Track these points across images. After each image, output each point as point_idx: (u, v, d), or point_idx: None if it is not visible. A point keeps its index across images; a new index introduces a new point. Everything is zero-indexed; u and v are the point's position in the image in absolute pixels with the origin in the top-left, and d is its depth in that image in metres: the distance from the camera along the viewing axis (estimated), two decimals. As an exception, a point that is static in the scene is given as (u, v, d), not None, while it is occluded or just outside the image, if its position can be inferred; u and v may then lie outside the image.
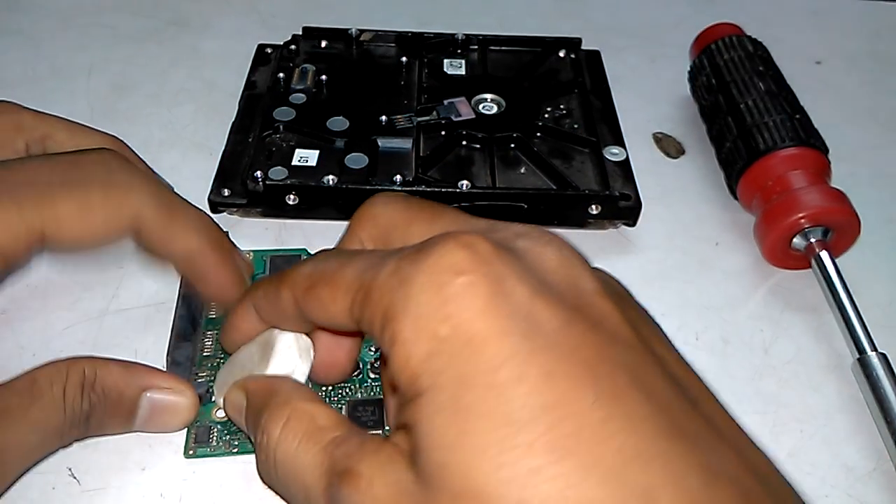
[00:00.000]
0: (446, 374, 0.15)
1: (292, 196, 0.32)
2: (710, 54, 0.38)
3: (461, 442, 0.14)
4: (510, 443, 0.14)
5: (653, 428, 0.14)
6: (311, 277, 0.19)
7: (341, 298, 0.18)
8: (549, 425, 0.14)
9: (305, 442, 0.18)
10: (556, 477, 0.13)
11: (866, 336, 0.28)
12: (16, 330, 0.28)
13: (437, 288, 0.15)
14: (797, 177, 0.32)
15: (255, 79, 0.38)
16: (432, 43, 0.40)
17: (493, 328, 0.15)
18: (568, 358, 0.15)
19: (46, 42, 0.43)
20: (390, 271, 0.16)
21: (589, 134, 0.36)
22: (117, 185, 0.23)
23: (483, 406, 0.14)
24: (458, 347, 0.15)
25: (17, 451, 0.21)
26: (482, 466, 0.14)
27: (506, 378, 0.14)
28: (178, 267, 0.26)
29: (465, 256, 0.16)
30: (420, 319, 0.15)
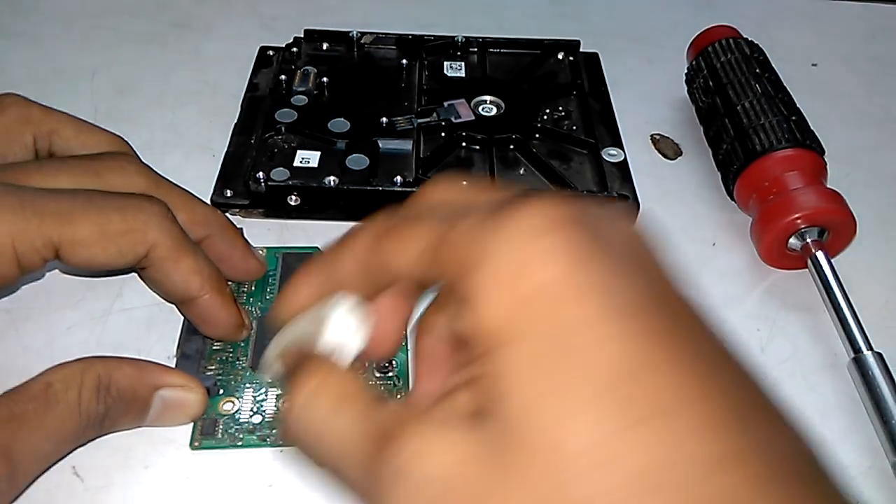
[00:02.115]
0: (534, 327, 0.15)
1: (294, 197, 0.32)
2: (707, 56, 0.38)
3: (548, 395, 0.14)
4: (597, 401, 0.14)
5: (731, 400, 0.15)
6: (384, 227, 0.19)
7: (414, 246, 0.17)
8: (634, 388, 0.14)
9: (340, 405, 0.17)
10: (637, 439, 0.14)
11: (862, 335, 0.28)
12: (20, 329, 0.28)
13: (528, 242, 0.15)
14: (793, 178, 0.32)
15: (257, 81, 0.38)
16: (432, 45, 0.41)
17: (583, 287, 0.15)
18: (649, 325, 0.15)
19: (50, 44, 0.43)
20: (472, 223, 0.16)
21: (587, 135, 0.36)
22: (138, 217, 0.24)
23: (570, 363, 0.14)
24: (548, 302, 0.15)
25: (32, 458, 0.21)
26: (568, 422, 0.14)
27: (593, 338, 0.14)
28: (181, 309, 0.27)
29: (554, 215, 0.16)
30: (507, 270, 0.15)
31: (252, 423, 0.25)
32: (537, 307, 0.15)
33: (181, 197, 0.27)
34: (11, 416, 0.20)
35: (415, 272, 0.18)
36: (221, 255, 0.28)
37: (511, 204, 0.16)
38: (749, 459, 0.14)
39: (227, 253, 0.28)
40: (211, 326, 0.26)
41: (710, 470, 0.13)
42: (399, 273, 0.18)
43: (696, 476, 0.13)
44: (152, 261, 0.24)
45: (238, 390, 0.26)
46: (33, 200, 0.23)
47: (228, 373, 0.26)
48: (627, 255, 0.16)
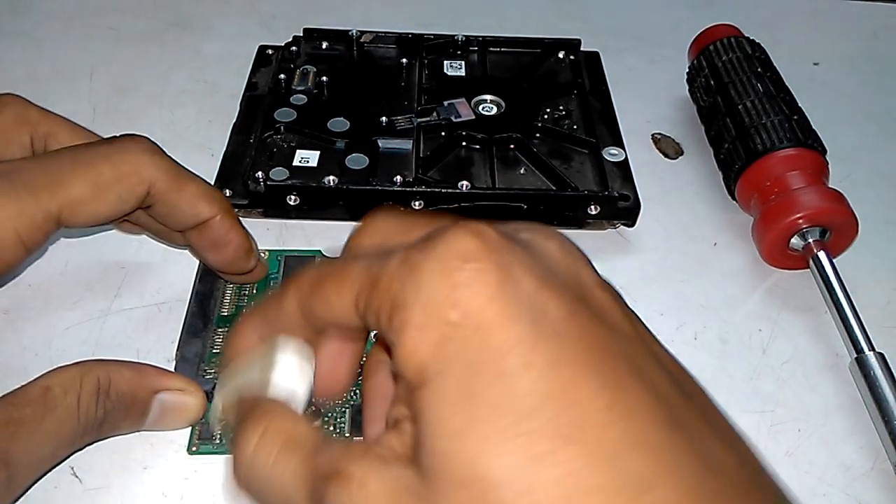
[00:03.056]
0: (455, 360, 0.15)
1: (293, 196, 0.32)
2: (709, 56, 0.38)
3: (468, 429, 0.14)
4: (516, 430, 0.14)
5: (652, 418, 0.14)
6: (317, 277, 0.19)
7: (347, 292, 0.18)
8: (555, 412, 0.14)
9: (284, 452, 0.18)
10: (559, 463, 0.14)
11: (864, 336, 0.28)
12: (18, 330, 0.28)
13: (447, 274, 0.15)
14: (795, 177, 0.32)
15: (256, 80, 0.38)
16: (432, 44, 0.40)
17: (502, 315, 0.15)
18: (573, 346, 0.15)
19: (49, 44, 0.43)
20: (398, 261, 0.16)
21: (588, 135, 0.36)
22: (127, 160, 0.24)
23: (490, 393, 0.14)
24: (468, 333, 0.15)
25: (31, 462, 0.21)
26: (487, 453, 0.14)
27: (513, 365, 0.14)
28: (191, 237, 0.27)
29: (474, 244, 0.16)
30: (429, 306, 0.15)
31: None
32: (459, 339, 0.15)
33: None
34: (10, 420, 0.20)
35: (350, 318, 0.18)
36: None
37: (432, 238, 0.16)
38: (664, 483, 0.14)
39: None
40: (222, 249, 0.26)
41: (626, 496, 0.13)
42: (336, 320, 0.18)
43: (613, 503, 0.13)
44: (155, 196, 0.24)
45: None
46: (21, 176, 0.23)
47: None
48: (551, 271, 0.16)
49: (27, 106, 0.27)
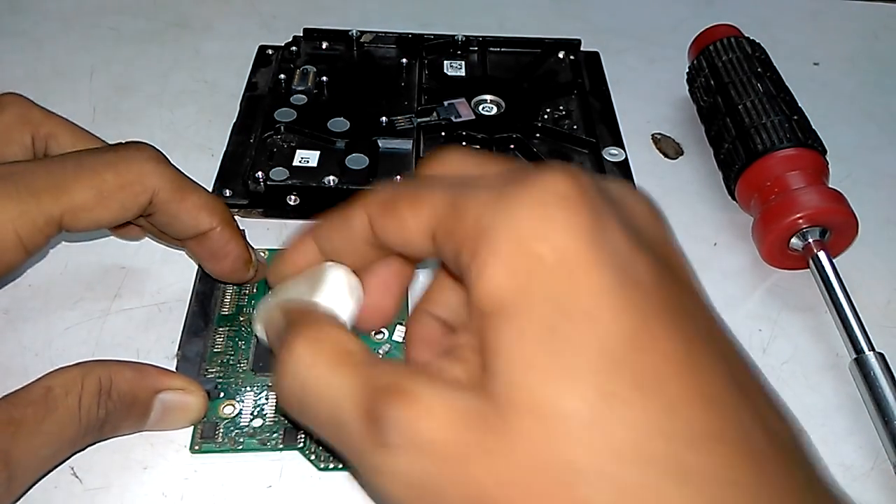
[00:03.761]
0: (540, 295, 0.15)
1: (293, 196, 0.32)
2: (709, 56, 0.38)
3: (547, 363, 0.14)
4: (595, 369, 0.14)
5: (720, 379, 0.15)
6: (392, 197, 0.18)
7: (424, 216, 0.17)
8: (634, 359, 0.14)
9: (337, 362, 0.17)
10: (632, 406, 0.14)
11: (864, 336, 0.28)
12: (18, 329, 0.28)
13: (542, 208, 0.15)
14: (795, 177, 0.32)
15: (256, 80, 0.38)
16: (432, 44, 0.40)
17: (594, 259, 0.15)
18: (656, 302, 0.15)
19: (49, 43, 0.43)
20: (483, 194, 0.16)
21: (588, 135, 0.36)
22: (131, 169, 0.24)
23: (574, 332, 0.14)
24: (557, 271, 0.15)
25: (31, 463, 0.21)
26: (564, 387, 0.14)
27: (600, 308, 0.14)
28: (191, 246, 0.27)
29: (571, 186, 0.15)
30: (520, 237, 0.15)
31: (252, 426, 0.25)
32: (547, 275, 0.15)
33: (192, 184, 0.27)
34: (10, 421, 0.20)
35: (420, 243, 0.17)
36: (221, 248, 0.27)
37: (524, 175, 0.16)
38: (727, 438, 0.14)
39: (227, 248, 0.27)
40: (221, 260, 0.26)
41: (688, 446, 0.14)
42: (404, 243, 0.18)
43: (675, 451, 0.14)
44: (157, 206, 0.24)
45: (239, 393, 0.26)
46: (24, 179, 0.23)
47: (229, 376, 0.26)
48: (637, 229, 0.16)
49: (30, 106, 0.27)
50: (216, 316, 0.28)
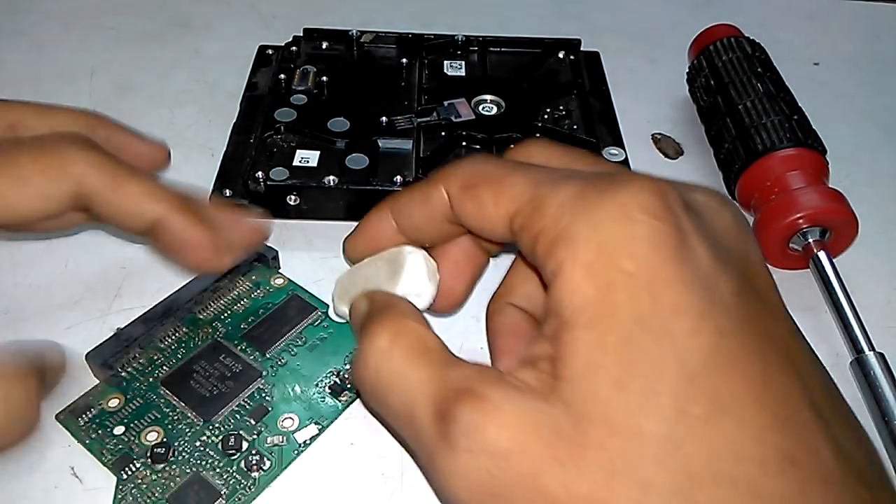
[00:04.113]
0: (623, 309, 0.15)
1: (293, 196, 0.32)
2: (709, 55, 0.38)
3: (627, 380, 0.14)
4: (675, 389, 0.14)
5: (798, 402, 0.15)
6: (474, 176, 0.18)
7: (505, 202, 0.17)
8: (714, 380, 0.14)
9: (415, 357, 0.17)
10: (711, 428, 0.14)
11: (864, 336, 0.28)
12: (18, 330, 0.28)
13: (628, 222, 0.15)
14: (795, 177, 0.32)
15: (256, 80, 0.38)
16: (432, 44, 0.40)
17: (677, 278, 0.15)
18: (738, 323, 0.15)
19: (49, 44, 0.43)
20: (573, 191, 0.16)
21: (588, 135, 0.36)
22: (52, 154, 0.22)
23: (655, 350, 0.14)
24: (640, 285, 0.15)
25: None
26: (644, 406, 0.14)
27: (682, 327, 0.14)
28: (149, 243, 0.25)
29: (657, 200, 0.15)
30: (605, 248, 0.15)
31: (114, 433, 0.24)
32: (630, 290, 0.15)
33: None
34: None
35: (498, 229, 0.17)
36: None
37: (609, 181, 0.16)
38: (799, 461, 0.14)
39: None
40: (184, 251, 0.24)
41: (760, 467, 0.14)
42: (481, 226, 0.18)
43: (747, 472, 0.14)
44: (90, 197, 0.22)
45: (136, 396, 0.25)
46: None
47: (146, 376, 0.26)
48: (723, 245, 0.16)
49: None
50: (187, 317, 0.27)
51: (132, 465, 0.23)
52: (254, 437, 0.24)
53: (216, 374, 0.26)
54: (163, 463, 0.23)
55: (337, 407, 0.25)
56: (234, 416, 0.25)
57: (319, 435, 0.24)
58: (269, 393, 0.25)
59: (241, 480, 0.23)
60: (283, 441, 0.24)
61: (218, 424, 0.25)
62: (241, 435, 0.24)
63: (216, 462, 0.24)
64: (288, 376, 0.26)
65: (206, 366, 0.26)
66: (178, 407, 0.25)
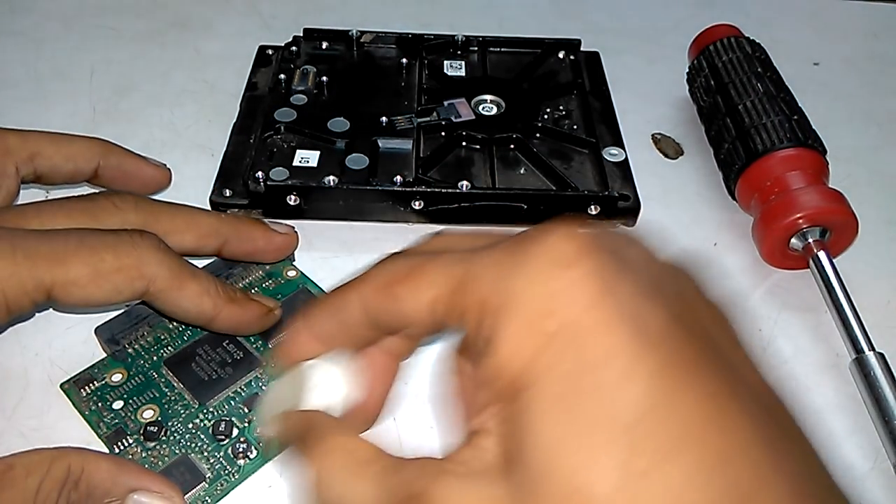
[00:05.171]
0: (553, 370, 0.14)
1: (293, 196, 0.32)
2: (709, 55, 0.38)
3: (568, 442, 0.14)
4: (617, 443, 0.14)
5: (748, 432, 0.14)
6: (387, 275, 0.18)
7: (424, 291, 0.17)
8: (656, 425, 0.14)
9: (357, 472, 0.17)
10: (662, 477, 0.13)
11: (864, 335, 0.28)
12: (18, 330, 0.28)
13: (545, 281, 0.15)
14: (795, 177, 0.32)
15: (256, 80, 0.38)
16: (432, 44, 0.40)
17: (601, 323, 0.14)
18: (672, 357, 0.14)
19: (49, 43, 0.43)
20: (488, 263, 0.16)
21: (588, 135, 0.36)
22: (131, 254, 0.24)
23: (590, 405, 0.14)
24: (566, 343, 0.14)
25: None
26: (589, 467, 0.14)
27: (613, 376, 0.14)
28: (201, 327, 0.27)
29: (570, 248, 0.15)
30: (526, 314, 0.15)
31: (113, 407, 0.25)
32: (557, 349, 0.14)
33: (184, 218, 0.27)
34: None
35: (430, 317, 0.17)
36: (246, 252, 0.28)
37: (524, 242, 0.16)
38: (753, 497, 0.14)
39: (250, 249, 0.28)
40: (242, 331, 0.27)
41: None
42: (412, 318, 0.18)
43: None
44: (155, 294, 0.24)
45: (137, 371, 0.26)
46: (25, 244, 0.23)
47: (150, 354, 0.26)
48: (650, 279, 0.16)
49: (4, 134, 0.27)
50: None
51: (125, 439, 0.24)
52: (245, 424, 0.25)
53: (217, 359, 0.26)
54: (154, 441, 0.24)
55: None
56: (228, 403, 0.25)
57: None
58: (265, 383, 0.26)
59: (226, 466, 0.24)
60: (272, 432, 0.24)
61: (212, 409, 0.25)
62: (233, 422, 0.24)
63: (205, 446, 0.24)
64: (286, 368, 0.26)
65: (209, 350, 0.26)
66: (177, 388, 0.25)
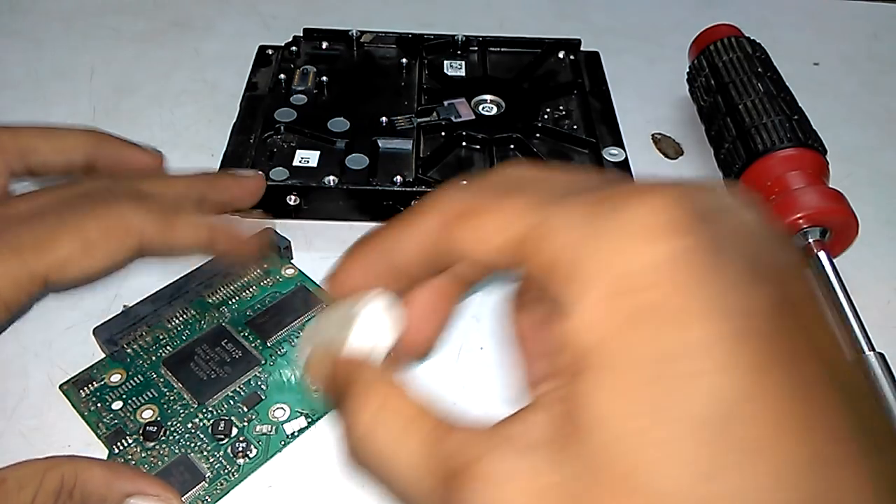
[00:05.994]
0: (646, 348, 0.13)
1: (293, 196, 0.32)
2: (709, 55, 0.38)
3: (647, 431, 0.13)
4: (702, 438, 0.13)
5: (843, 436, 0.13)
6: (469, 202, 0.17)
7: (497, 232, 0.16)
8: (745, 422, 0.13)
9: (404, 430, 0.16)
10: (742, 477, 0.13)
11: (864, 336, 0.28)
12: (18, 330, 0.28)
13: (636, 252, 0.14)
14: (795, 177, 0.32)
15: (256, 80, 0.38)
16: (432, 44, 0.40)
17: (706, 304, 0.13)
18: (772, 349, 0.13)
19: (49, 44, 0.43)
20: (579, 215, 0.14)
21: (588, 135, 0.36)
22: (113, 214, 0.23)
23: (679, 394, 0.13)
24: (665, 320, 0.13)
25: None
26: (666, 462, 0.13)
27: (712, 365, 0.13)
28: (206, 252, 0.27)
29: (675, 217, 0.14)
30: (623, 279, 0.14)
31: (113, 407, 0.25)
32: (640, 329, 0.13)
33: (164, 181, 0.27)
34: None
35: (494, 260, 0.16)
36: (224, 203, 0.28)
37: (622, 198, 0.14)
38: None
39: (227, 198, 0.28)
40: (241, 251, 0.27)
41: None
42: (474, 258, 0.16)
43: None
44: (149, 244, 0.24)
45: (136, 372, 0.26)
46: (4, 237, 0.22)
47: (150, 354, 0.26)
48: (752, 257, 0.14)
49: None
50: (195, 299, 0.28)
51: (125, 440, 0.24)
52: (244, 423, 0.25)
53: (216, 358, 0.26)
54: (153, 441, 0.24)
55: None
56: (227, 402, 0.25)
57: (308, 428, 0.25)
58: (264, 381, 0.26)
59: (225, 465, 0.24)
60: (271, 430, 0.24)
61: (211, 408, 0.25)
62: (232, 421, 0.25)
63: (204, 445, 0.24)
64: (285, 366, 0.26)
65: (208, 350, 0.27)
66: (176, 388, 0.25)
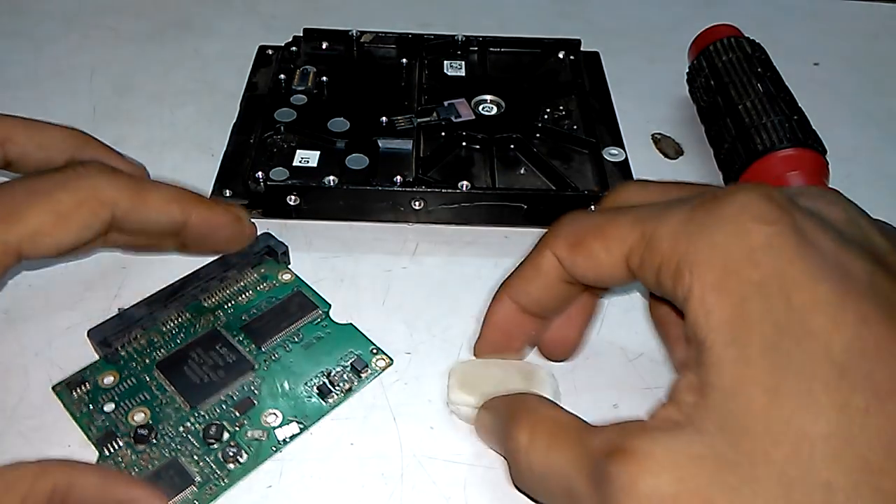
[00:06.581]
0: (760, 320, 0.15)
1: (293, 197, 0.32)
2: (709, 55, 0.38)
3: (781, 387, 0.14)
4: (833, 385, 0.14)
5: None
6: (577, 232, 0.19)
7: (617, 247, 0.18)
8: (869, 368, 0.14)
9: (555, 442, 0.18)
10: (881, 415, 0.14)
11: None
12: (18, 329, 0.28)
13: (744, 234, 0.15)
14: (795, 178, 0.32)
15: (256, 80, 0.38)
16: (432, 44, 0.40)
17: (806, 274, 0.15)
18: (878, 305, 0.15)
19: (49, 44, 0.43)
20: (681, 218, 0.16)
21: (588, 135, 0.36)
22: (85, 185, 0.23)
23: (801, 351, 0.14)
24: (772, 292, 0.15)
25: None
26: (805, 410, 0.14)
27: (823, 323, 0.14)
28: (181, 240, 0.26)
29: (766, 206, 0.16)
30: (728, 264, 0.15)
31: (104, 409, 0.25)
32: (763, 300, 0.15)
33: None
34: None
35: (614, 273, 0.18)
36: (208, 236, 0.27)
37: (717, 198, 0.16)
38: None
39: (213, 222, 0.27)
40: (216, 237, 0.26)
41: None
42: (597, 276, 0.18)
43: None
44: (123, 216, 0.24)
45: (130, 374, 0.26)
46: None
47: (143, 357, 0.26)
48: (843, 233, 0.16)
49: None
50: (191, 303, 0.28)
51: (115, 442, 0.24)
52: (236, 429, 0.25)
53: (210, 362, 0.26)
54: (144, 444, 0.24)
55: (322, 408, 0.25)
56: (219, 406, 0.25)
57: (300, 434, 0.25)
58: (257, 387, 0.26)
59: (215, 470, 0.24)
60: (262, 436, 0.24)
61: (203, 412, 0.25)
62: (224, 425, 0.24)
63: (195, 449, 0.24)
64: (279, 372, 0.26)
65: (202, 353, 0.26)
66: (168, 391, 0.25)
